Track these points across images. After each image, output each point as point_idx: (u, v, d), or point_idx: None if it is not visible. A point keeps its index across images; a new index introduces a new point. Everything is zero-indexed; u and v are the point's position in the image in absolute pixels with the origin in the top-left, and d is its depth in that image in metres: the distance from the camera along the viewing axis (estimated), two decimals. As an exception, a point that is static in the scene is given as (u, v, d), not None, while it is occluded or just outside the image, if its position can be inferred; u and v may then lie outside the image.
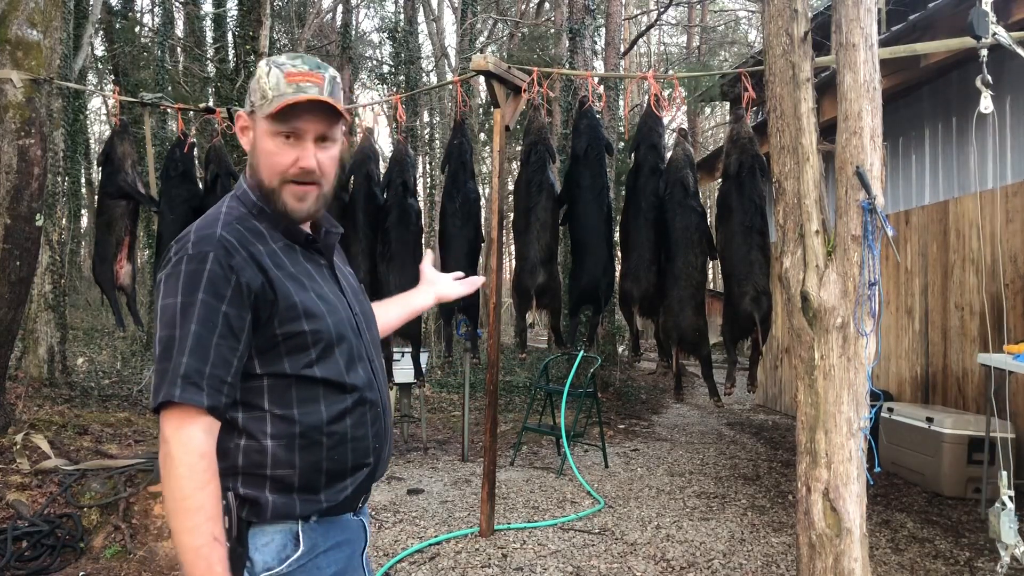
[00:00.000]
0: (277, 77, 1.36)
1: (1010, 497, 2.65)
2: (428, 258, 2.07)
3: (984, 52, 2.59)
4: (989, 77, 2.54)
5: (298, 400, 1.35)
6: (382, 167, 5.55)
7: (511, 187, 6.89)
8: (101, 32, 14.22)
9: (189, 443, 1.24)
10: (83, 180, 16.45)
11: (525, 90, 4.56)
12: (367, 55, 20.56)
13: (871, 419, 2.25)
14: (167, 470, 1.24)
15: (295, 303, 1.34)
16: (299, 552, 1.34)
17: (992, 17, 2.51)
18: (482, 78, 4.68)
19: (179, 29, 16.37)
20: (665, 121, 4.96)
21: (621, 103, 12.21)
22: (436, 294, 1.95)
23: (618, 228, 4.97)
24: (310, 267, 1.43)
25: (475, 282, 2.02)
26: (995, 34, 2.50)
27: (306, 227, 1.47)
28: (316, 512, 1.36)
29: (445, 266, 5.03)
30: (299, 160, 1.38)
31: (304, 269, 1.41)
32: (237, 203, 1.44)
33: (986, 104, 2.53)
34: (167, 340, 1.27)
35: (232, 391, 1.30)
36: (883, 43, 3.00)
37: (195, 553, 1.22)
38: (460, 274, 2.03)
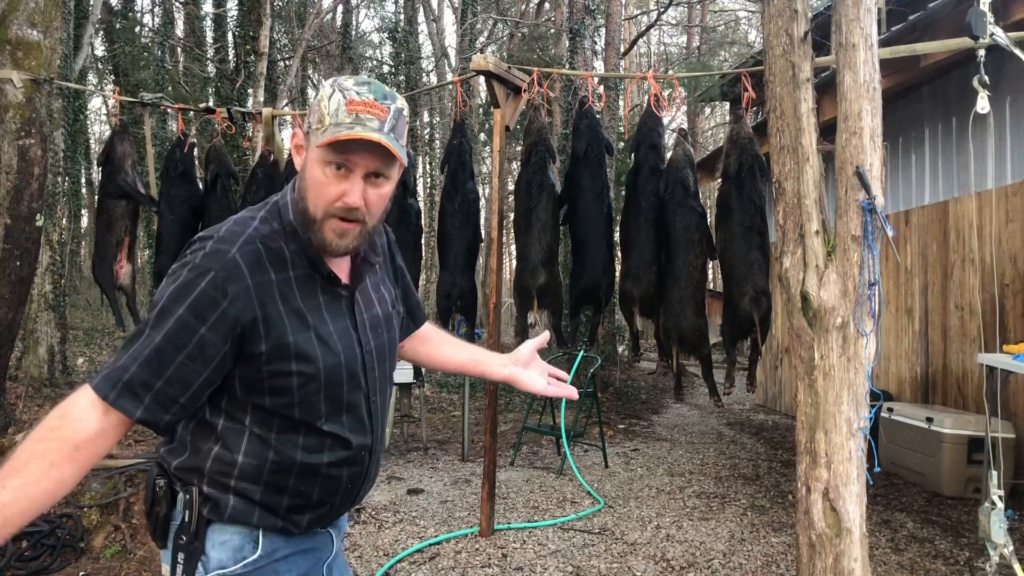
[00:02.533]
0: (338, 103, 1.27)
1: (1000, 497, 2.66)
2: (535, 342, 1.71)
3: (982, 52, 2.59)
4: (986, 77, 2.54)
5: (278, 428, 1.32)
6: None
7: (511, 187, 6.89)
8: (101, 32, 14.23)
9: (65, 407, 1.21)
10: (83, 180, 16.45)
11: (525, 90, 4.57)
12: (367, 55, 20.58)
13: (871, 419, 2.25)
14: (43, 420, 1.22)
15: (287, 343, 1.29)
16: (256, 555, 1.33)
17: (990, 17, 2.51)
18: (482, 78, 4.68)
19: (179, 29, 16.37)
20: (665, 121, 4.96)
21: (621, 103, 12.21)
22: (513, 375, 1.67)
23: (618, 228, 4.97)
24: (323, 300, 1.37)
25: (565, 391, 1.67)
26: (993, 34, 2.50)
27: (339, 263, 1.41)
28: (272, 528, 1.35)
29: (444, 265, 5.04)
30: (345, 195, 1.29)
31: (315, 303, 1.35)
32: (275, 215, 1.37)
33: (983, 104, 2.54)
34: (135, 335, 1.25)
35: (183, 412, 1.26)
36: (883, 43, 3.00)
37: None
38: (562, 376, 1.70)
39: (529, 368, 1.68)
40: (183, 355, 1.22)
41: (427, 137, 18.95)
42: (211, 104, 8.77)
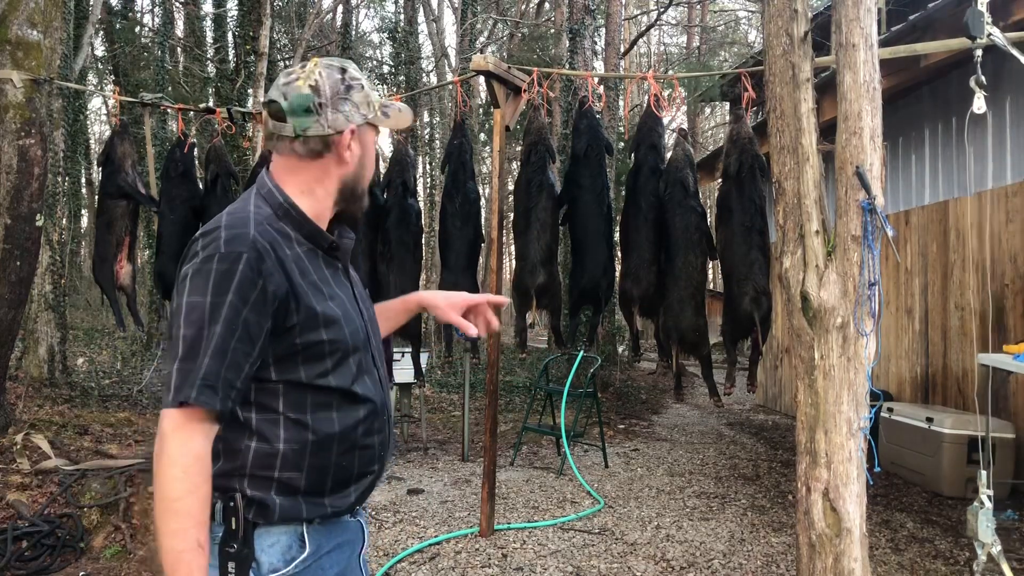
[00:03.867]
0: (367, 87, 1.46)
1: (988, 496, 2.66)
2: (484, 300, 1.75)
3: (979, 52, 2.59)
4: (983, 78, 2.54)
5: (312, 406, 1.34)
6: (382, 167, 5.55)
7: (511, 187, 6.89)
8: (101, 32, 14.22)
9: (187, 443, 1.22)
10: (83, 180, 16.45)
11: (525, 90, 4.56)
12: (367, 55, 20.57)
13: (871, 419, 2.25)
14: (161, 468, 1.22)
15: (316, 313, 1.33)
16: (305, 553, 1.35)
17: (987, 18, 2.51)
18: (482, 78, 4.68)
19: (179, 29, 16.37)
20: (665, 121, 4.96)
21: (621, 103, 12.21)
22: (424, 302, 1.76)
23: (618, 228, 4.97)
24: (328, 273, 1.43)
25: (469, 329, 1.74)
26: (990, 34, 2.50)
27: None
28: (320, 516, 1.37)
29: (445, 265, 5.04)
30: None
31: (324, 275, 1.41)
32: (262, 202, 1.40)
33: (979, 104, 2.54)
34: (193, 339, 1.23)
35: (238, 396, 1.29)
36: (883, 43, 3.00)
37: (177, 557, 1.20)
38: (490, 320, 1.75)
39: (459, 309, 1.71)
40: (235, 339, 1.25)
41: (427, 137, 18.94)
42: (211, 104, 8.77)
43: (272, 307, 1.29)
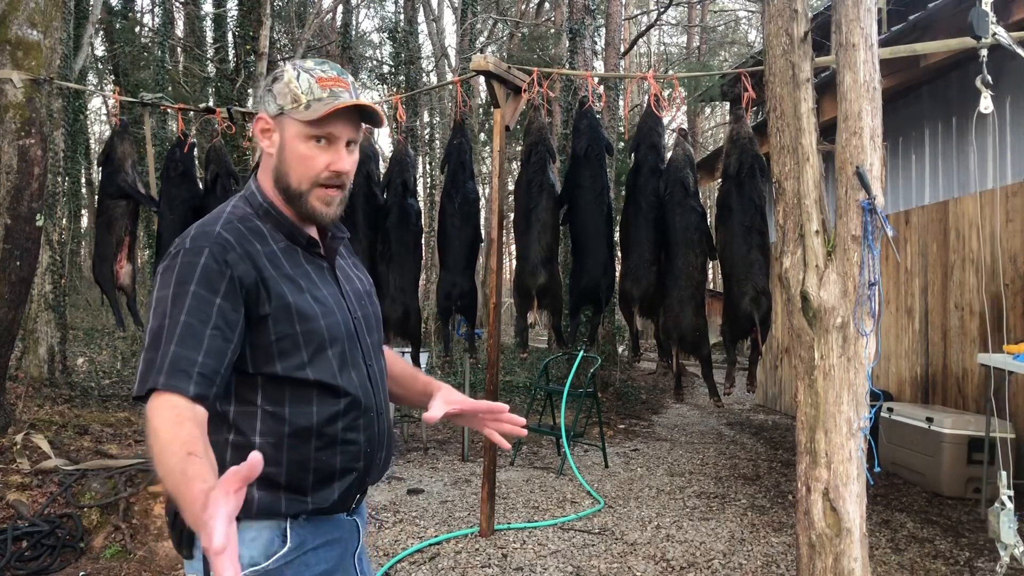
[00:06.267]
0: (309, 81, 1.38)
1: (1009, 497, 2.66)
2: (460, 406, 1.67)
3: (984, 52, 2.59)
4: (989, 77, 2.54)
5: (291, 399, 1.35)
6: (382, 167, 5.55)
7: (511, 187, 6.89)
8: (101, 32, 14.22)
9: (170, 411, 1.18)
10: (83, 180, 16.45)
11: (525, 90, 4.57)
12: (367, 55, 20.57)
13: (871, 419, 2.25)
14: (150, 442, 1.17)
15: (289, 304, 1.35)
16: (286, 548, 1.35)
17: (992, 17, 2.51)
18: (482, 78, 4.68)
19: (179, 29, 16.37)
20: (665, 121, 4.96)
21: (621, 103, 12.22)
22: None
23: (618, 228, 4.97)
24: (310, 268, 1.44)
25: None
26: (995, 34, 2.51)
27: (311, 230, 1.48)
28: (302, 512, 1.37)
29: (444, 265, 5.04)
30: (332, 163, 1.39)
31: (303, 271, 1.42)
32: (243, 203, 1.45)
33: (986, 104, 2.54)
34: (156, 329, 1.25)
35: (221, 385, 1.29)
36: (883, 43, 3.00)
37: (172, 475, 1.11)
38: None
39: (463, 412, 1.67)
40: (210, 327, 1.25)
41: (427, 137, 18.94)
42: (211, 104, 8.77)
43: (243, 295, 1.31)
